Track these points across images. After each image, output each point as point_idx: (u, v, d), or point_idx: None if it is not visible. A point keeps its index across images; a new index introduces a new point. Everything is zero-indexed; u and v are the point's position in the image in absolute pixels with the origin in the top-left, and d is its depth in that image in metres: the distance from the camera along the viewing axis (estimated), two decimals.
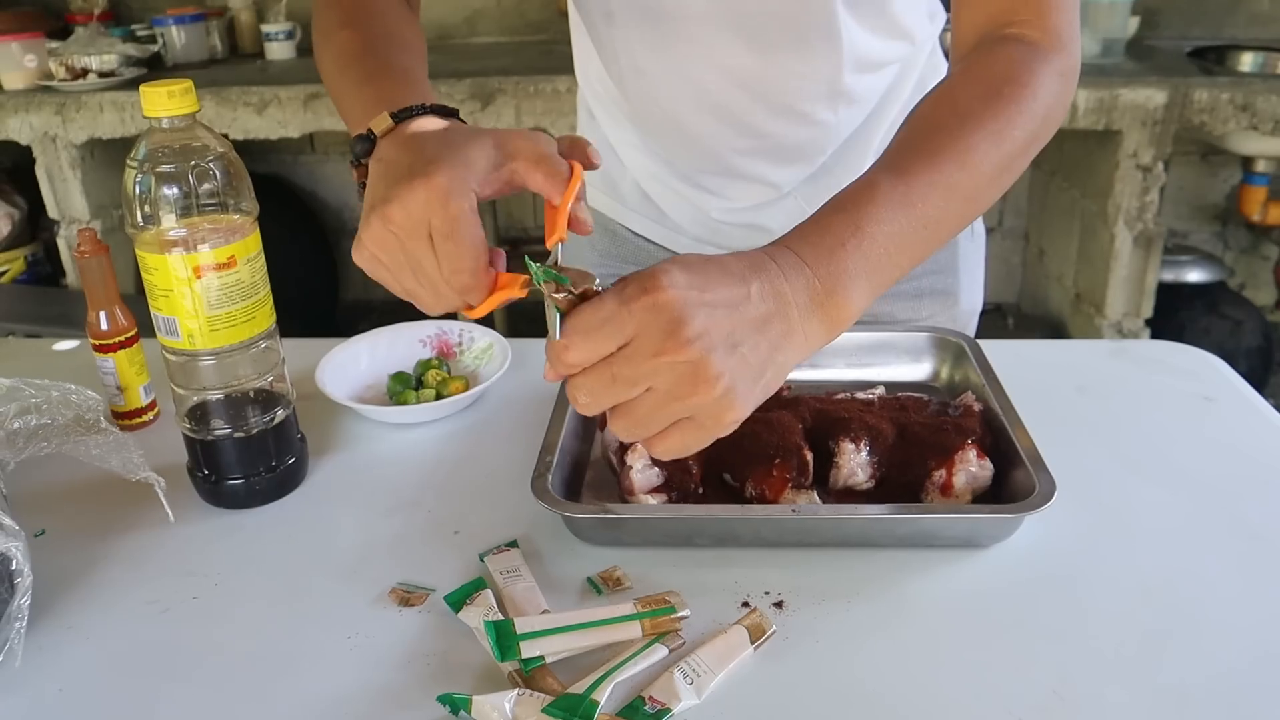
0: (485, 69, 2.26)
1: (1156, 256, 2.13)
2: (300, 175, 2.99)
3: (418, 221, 0.52)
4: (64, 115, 2.27)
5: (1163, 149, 2.05)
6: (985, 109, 0.59)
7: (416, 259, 0.53)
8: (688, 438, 0.49)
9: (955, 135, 0.57)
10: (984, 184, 0.59)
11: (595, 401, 0.48)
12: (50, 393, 0.68)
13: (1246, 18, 2.49)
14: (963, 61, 0.65)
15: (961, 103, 0.60)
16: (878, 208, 0.53)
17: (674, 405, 0.47)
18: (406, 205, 0.52)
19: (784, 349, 0.50)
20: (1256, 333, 2.38)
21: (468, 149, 0.54)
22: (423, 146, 0.55)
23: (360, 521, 0.69)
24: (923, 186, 0.55)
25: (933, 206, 0.56)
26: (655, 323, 0.46)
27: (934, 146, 0.57)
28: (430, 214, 0.52)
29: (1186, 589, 0.60)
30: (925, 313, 0.96)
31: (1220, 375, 0.86)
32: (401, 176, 0.53)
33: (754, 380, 0.49)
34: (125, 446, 0.64)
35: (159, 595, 0.62)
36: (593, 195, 1.00)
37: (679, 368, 0.46)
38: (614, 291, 0.47)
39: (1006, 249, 2.84)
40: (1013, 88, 0.60)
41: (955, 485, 0.66)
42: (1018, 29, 0.64)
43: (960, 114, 0.59)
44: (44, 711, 0.54)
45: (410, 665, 0.56)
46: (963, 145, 0.57)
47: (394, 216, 0.53)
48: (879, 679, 0.54)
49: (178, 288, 0.64)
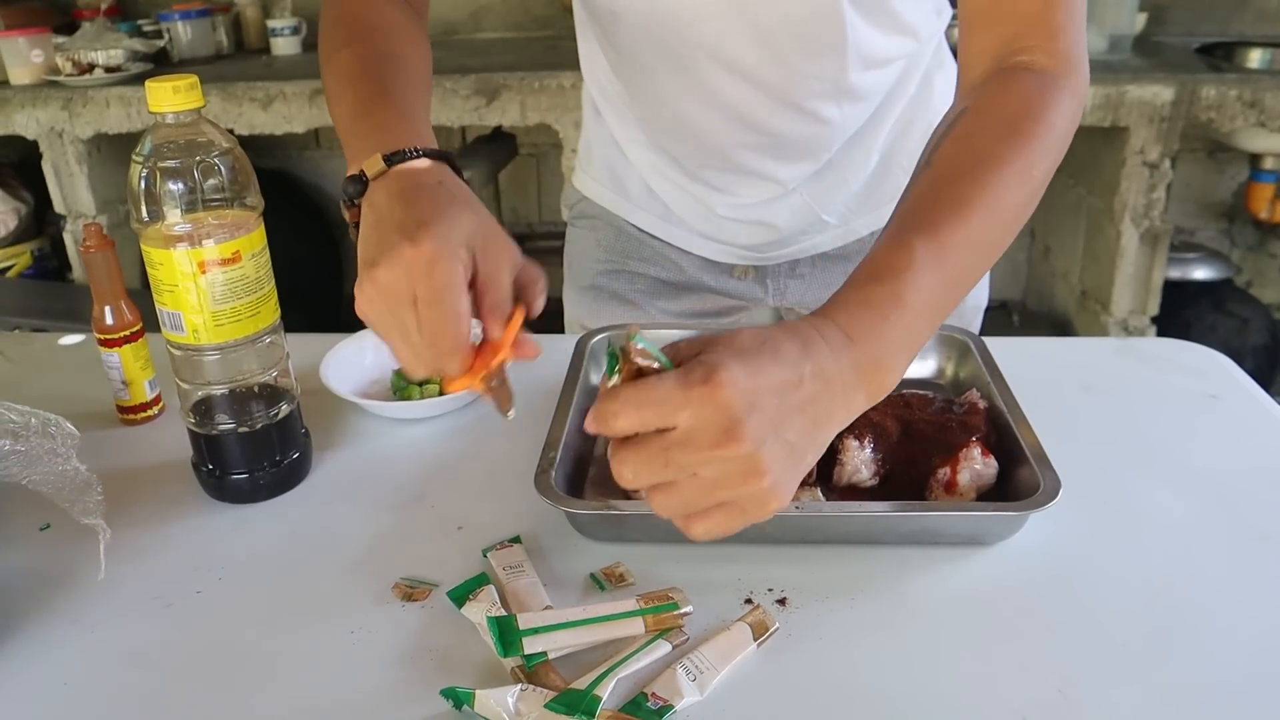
0: (490, 65, 2.26)
1: (1163, 254, 2.12)
2: (305, 170, 2.99)
3: (404, 288, 0.53)
4: (70, 110, 2.27)
5: (1170, 146, 2.04)
6: (1007, 150, 0.58)
7: (401, 322, 0.54)
8: (730, 522, 0.49)
9: (981, 182, 0.57)
10: (1008, 230, 0.60)
11: (640, 478, 0.48)
12: (30, 419, 0.68)
13: (1254, 14, 2.48)
14: (976, 93, 0.64)
15: (981, 146, 0.59)
16: (916, 274, 0.53)
17: (720, 493, 0.48)
18: (394, 270, 0.53)
19: (826, 428, 0.51)
20: (1263, 330, 2.37)
21: (457, 217, 0.55)
22: (414, 202, 0.56)
23: (364, 517, 0.69)
24: (954, 246, 0.55)
25: (964, 264, 0.56)
26: (712, 417, 0.46)
27: (960, 196, 0.57)
28: (415, 281, 0.53)
29: (1192, 587, 0.60)
30: None
31: (1227, 373, 0.86)
32: (390, 236, 0.54)
33: (797, 465, 0.50)
34: (89, 488, 0.64)
35: (163, 590, 0.62)
36: (598, 191, 1.00)
37: (730, 463, 0.47)
38: (676, 375, 0.47)
39: (1012, 246, 2.82)
40: (1031, 124, 0.59)
41: (960, 483, 0.65)
42: (1028, 55, 0.63)
43: (983, 158, 0.58)
44: (49, 706, 0.54)
45: (413, 660, 0.56)
46: (989, 194, 0.57)
47: (381, 279, 0.54)
48: (882, 676, 0.54)
49: (183, 283, 0.64)
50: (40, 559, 0.66)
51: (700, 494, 0.48)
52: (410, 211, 0.55)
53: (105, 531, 0.62)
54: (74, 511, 0.63)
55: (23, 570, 0.65)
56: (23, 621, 0.60)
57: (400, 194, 0.57)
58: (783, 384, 0.48)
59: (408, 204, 0.56)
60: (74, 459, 0.65)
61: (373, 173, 0.59)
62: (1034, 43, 0.63)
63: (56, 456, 0.65)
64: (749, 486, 0.47)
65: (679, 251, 0.97)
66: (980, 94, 0.63)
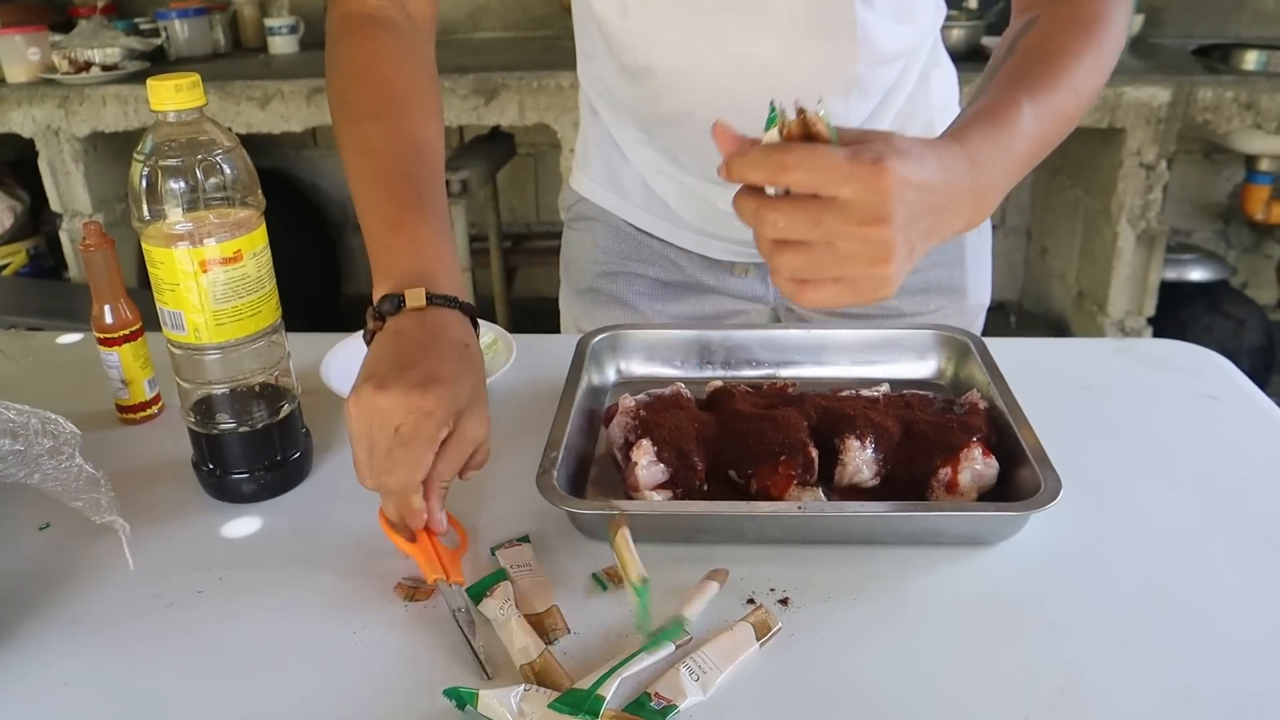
0: (489, 64, 2.26)
1: (1159, 255, 2.13)
2: (303, 170, 2.99)
3: (395, 420, 0.58)
4: (67, 108, 2.26)
5: (1166, 147, 2.04)
6: (1083, 46, 0.68)
7: (376, 443, 0.59)
8: (843, 297, 0.54)
9: (1066, 66, 0.66)
10: (1082, 110, 0.68)
11: (789, 230, 0.52)
12: (30, 419, 0.67)
13: (1251, 16, 2.49)
14: (1040, 4, 0.71)
15: (1064, 40, 0.68)
16: (1022, 125, 0.61)
17: (847, 267, 0.52)
18: (396, 405, 0.58)
19: (938, 235, 0.56)
20: (1259, 331, 2.38)
21: (463, 384, 0.60)
22: (439, 355, 0.61)
23: (365, 516, 0.68)
24: (1048, 112, 0.63)
25: (1052, 129, 0.65)
26: (871, 198, 0.50)
27: (1052, 75, 0.65)
28: (404, 419, 0.58)
29: (1192, 587, 0.60)
30: (933, 306, 0.96)
31: (1224, 374, 0.86)
32: (407, 374, 0.59)
33: (909, 262, 0.54)
34: (95, 485, 0.63)
35: (164, 589, 0.62)
36: (596, 191, 1.00)
37: (869, 244, 0.51)
38: (848, 152, 0.51)
39: (1009, 247, 2.83)
40: (1101, 27, 0.69)
41: (960, 483, 0.66)
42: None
43: (1066, 49, 0.67)
44: (49, 705, 0.54)
45: (416, 660, 0.56)
46: (1073, 76, 0.66)
47: (381, 405, 0.58)
48: (884, 676, 0.54)
49: (184, 282, 0.64)
50: (40, 559, 0.66)
51: (830, 263, 0.52)
52: (430, 362, 0.60)
53: (125, 527, 0.62)
54: (86, 510, 0.62)
55: (22, 570, 0.64)
56: (23, 621, 0.60)
57: (428, 340, 0.62)
58: (929, 186, 0.53)
59: (430, 351, 0.61)
60: (77, 457, 0.65)
61: (412, 304, 0.63)
62: None
63: (58, 455, 0.65)
64: (874, 269, 0.52)
65: (678, 250, 0.97)
66: (1056, 5, 0.70)
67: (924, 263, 0.94)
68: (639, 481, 0.66)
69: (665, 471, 0.66)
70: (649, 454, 0.66)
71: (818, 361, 0.84)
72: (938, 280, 0.95)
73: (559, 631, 0.57)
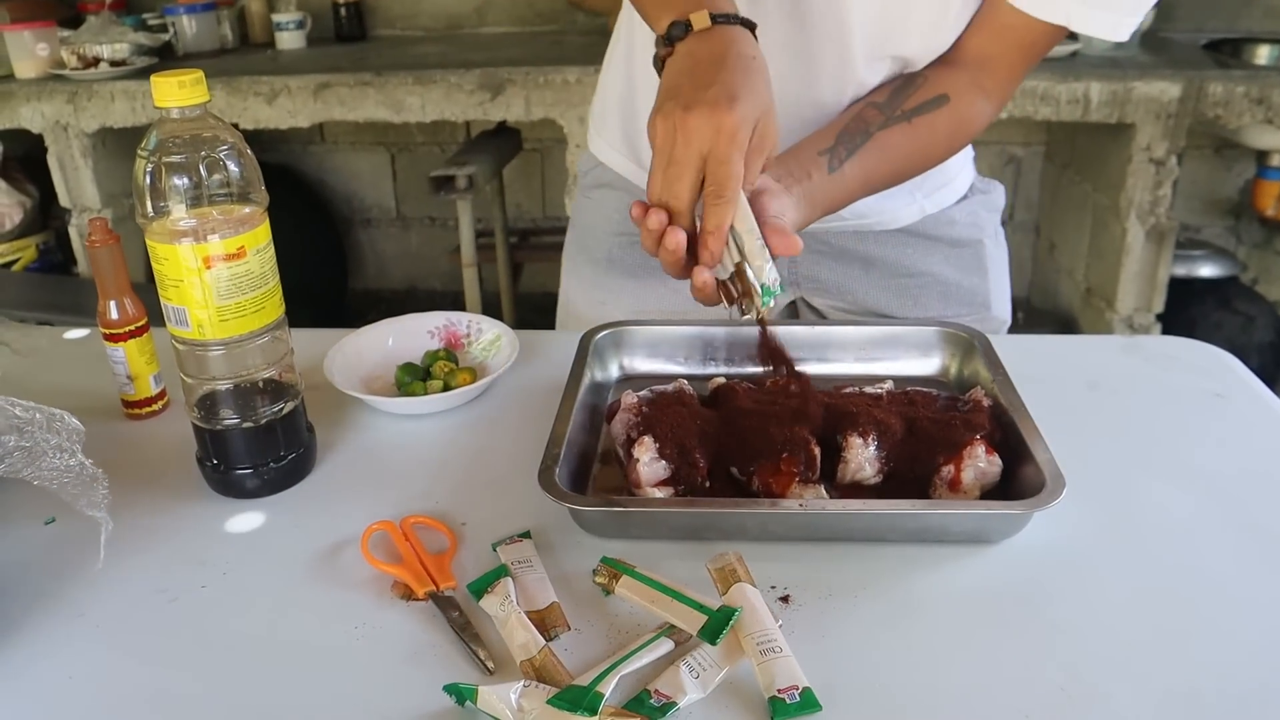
0: (495, 59, 2.25)
1: (1168, 251, 2.12)
2: (309, 165, 2.99)
3: (704, 138, 0.62)
4: (75, 104, 2.27)
5: (1176, 143, 2.03)
6: (940, 155, 0.85)
7: (677, 158, 0.62)
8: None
9: (904, 170, 0.83)
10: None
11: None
12: (36, 415, 0.68)
13: (1262, 10, 2.47)
14: (955, 88, 0.81)
15: (924, 142, 0.82)
16: (817, 182, 0.76)
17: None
18: (703, 122, 0.61)
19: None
20: (1269, 328, 2.36)
21: (758, 93, 0.64)
22: (731, 69, 0.64)
23: (368, 512, 0.69)
24: (853, 190, 0.79)
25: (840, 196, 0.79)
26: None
27: (900, 174, 0.82)
28: (716, 141, 0.61)
29: (1196, 586, 0.60)
30: (952, 313, 0.97)
31: (1232, 372, 0.85)
32: (706, 93, 0.62)
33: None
34: (95, 482, 0.64)
35: (168, 584, 0.63)
36: (615, 159, 0.99)
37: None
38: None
39: (1017, 242, 2.82)
40: (964, 138, 0.85)
41: (964, 481, 0.65)
42: (993, 83, 0.82)
43: (917, 156, 0.83)
44: (53, 699, 0.54)
45: (416, 656, 0.56)
46: (899, 174, 0.83)
47: (691, 124, 0.62)
48: (886, 674, 0.54)
49: (188, 278, 0.64)
50: (45, 553, 0.66)
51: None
52: (725, 75, 0.64)
53: (107, 523, 0.62)
54: (80, 505, 0.63)
55: (27, 564, 0.65)
56: (27, 615, 0.60)
57: (719, 54, 0.65)
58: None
59: (723, 67, 0.64)
60: (79, 454, 0.65)
61: (699, 26, 0.67)
62: (1004, 80, 0.83)
63: (62, 452, 0.65)
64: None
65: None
66: (957, 96, 0.81)
67: (946, 269, 0.96)
68: (641, 478, 0.66)
69: (667, 468, 0.66)
70: (651, 450, 0.66)
71: (822, 358, 0.83)
72: (958, 285, 0.96)
73: (559, 628, 0.57)
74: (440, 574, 0.61)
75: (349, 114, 2.23)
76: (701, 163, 0.62)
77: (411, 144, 2.92)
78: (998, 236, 1.01)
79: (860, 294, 0.98)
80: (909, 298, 0.97)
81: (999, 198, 1.01)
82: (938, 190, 0.95)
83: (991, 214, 1.00)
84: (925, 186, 0.93)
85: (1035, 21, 0.78)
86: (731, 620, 0.54)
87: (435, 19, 2.77)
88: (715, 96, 0.62)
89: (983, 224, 0.99)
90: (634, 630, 0.57)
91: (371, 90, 2.20)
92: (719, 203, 0.62)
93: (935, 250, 0.97)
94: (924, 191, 0.94)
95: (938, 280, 0.97)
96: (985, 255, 0.98)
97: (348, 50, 2.56)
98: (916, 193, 0.93)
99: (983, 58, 0.82)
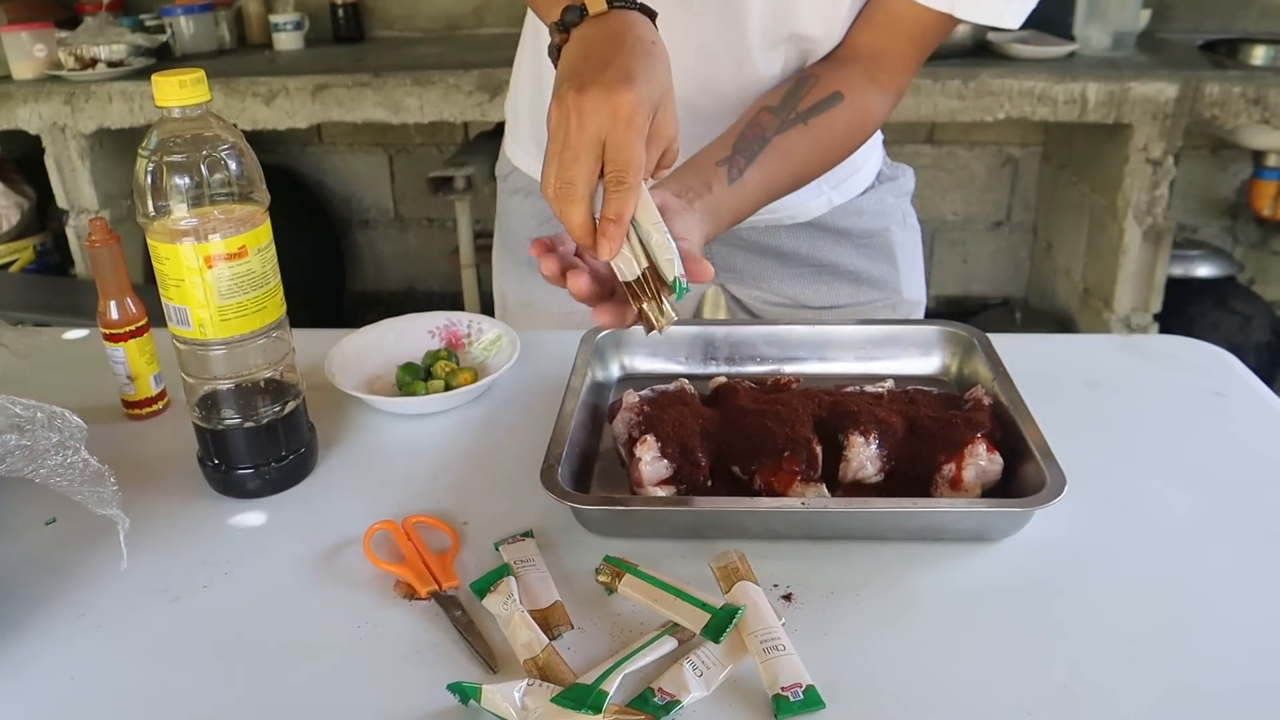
0: (493, 60, 2.25)
1: (1166, 251, 2.12)
2: (308, 166, 2.99)
3: (600, 121, 0.59)
4: (73, 105, 2.27)
5: (1173, 143, 2.03)
6: (839, 156, 0.84)
7: (574, 141, 0.59)
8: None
9: (803, 174, 0.81)
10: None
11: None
12: (36, 413, 0.67)
13: (1259, 11, 2.48)
14: (848, 84, 0.81)
15: (824, 143, 0.81)
16: (720, 193, 0.75)
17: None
18: (599, 105, 0.58)
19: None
20: (1266, 328, 2.36)
21: (656, 75, 0.61)
22: (629, 51, 0.61)
23: (369, 512, 0.69)
24: (759, 193, 0.78)
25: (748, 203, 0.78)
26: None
27: (798, 179, 0.81)
28: (614, 123, 0.58)
29: (1196, 584, 0.60)
30: (865, 298, 1.01)
31: (1231, 370, 0.86)
32: (603, 74, 0.59)
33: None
34: (102, 479, 0.64)
35: (170, 584, 0.63)
36: (528, 163, 1.00)
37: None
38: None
39: (1014, 243, 2.82)
40: (863, 134, 0.84)
41: (964, 479, 0.66)
42: (887, 78, 0.82)
43: (822, 156, 0.82)
44: (56, 699, 0.54)
45: (419, 655, 0.56)
46: (799, 177, 0.82)
47: (586, 106, 0.59)
48: (888, 672, 0.54)
49: (189, 277, 0.64)
50: (47, 552, 0.66)
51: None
52: (622, 58, 0.61)
53: (124, 521, 0.62)
54: (89, 503, 0.62)
55: (29, 563, 0.65)
56: (29, 615, 0.60)
57: (616, 37, 0.63)
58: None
59: (620, 49, 0.62)
60: (83, 451, 0.65)
61: (594, 10, 0.65)
62: (898, 73, 0.83)
63: (65, 450, 0.65)
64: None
65: None
66: (852, 93, 0.81)
67: (855, 260, 0.99)
68: (643, 477, 0.66)
69: (669, 467, 0.66)
70: (653, 450, 0.66)
71: (822, 357, 0.83)
72: (868, 274, 1.00)
73: (562, 626, 0.57)
74: (443, 573, 0.61)
75: (347, 115, 2.23)
76: (599, 148, 0.59)
77: (410, 145, 2.92)
78: (906, 220, 1.03)
79: (776, 283, 1.02)
80: (824, 285, 1.01)
81: (908, 182, 1.04)
82: (844, 181, 0.98)
83: (900, 199, 1.03)
84: (832, 179, 0.94)
85: (924, 11, 0.78)
86: (735, 618, 0.54)
87: (433, 20, 2.77)
88: (611, 78, 0.59)
89: (889, 211, 1.01)
90: (637, 629, 0.57)
91: (369, 91, 2.20)
92: (621, 189, 0.58)
93: (844, 241, 1.00)
94: (831, 183, 0.96)
95: (848, 270, 1.01)
96: (893, 242, 1.01)
97: (346, 51, 2.56)
98: (824, 184, 0.95)
99: (874, 51, 0.81)
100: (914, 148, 2.70)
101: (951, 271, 2.85)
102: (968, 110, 2.07)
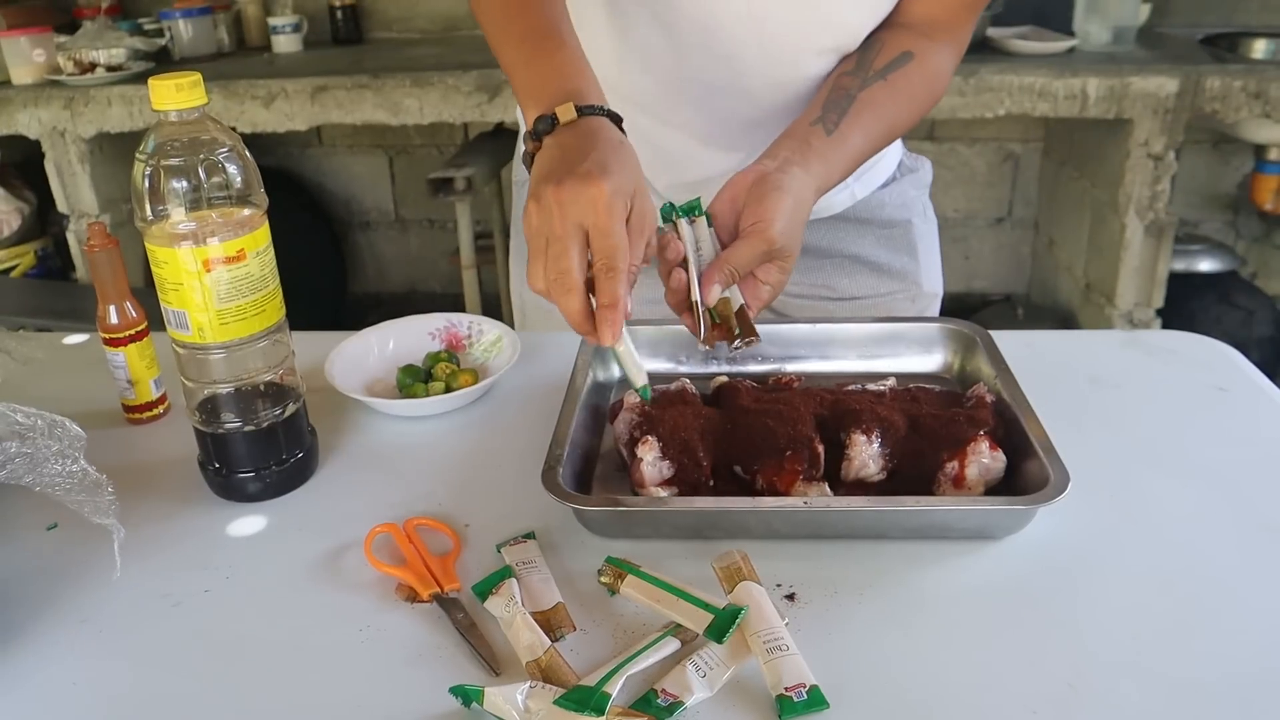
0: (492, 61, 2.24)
1: (1168, 246, 2.12)
2: (307, 168, 2.99)
3: (580, 211, 0.61)
4: (72, 109, 2.27)
5: (1174, 137, 2.03)
6: (916, 114, 0.85)
7: (556, 236, 0.61)
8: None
9: (883, 134, 0.81)
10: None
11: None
12: (37, 421, 0.67)
13: (1259, 4, 2.47)
14: (919, 42, 0.81)
15: (906, 95, 0.82)
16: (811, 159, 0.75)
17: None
18: (577, 195, 0.61)
19: None
20: (1268, 322, 2.36)
21: (629, 169, 0.64)
22: (601, 150, 0.64)
23: (370, 514, 0.69)
24: (860, 152, 0.79)
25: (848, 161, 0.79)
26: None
27: (892, 131, 0.82)
28: (594, 213, 0.61)
29: (1200, 580, 0.60)
30: (885, 289, 1.00)
31: (1233, 365, 0.85)
32: (577, 169, 0.62)
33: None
34: (99, 488, 0.64)
35: (171, 588, 0.62)
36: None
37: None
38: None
39: (1016, 239, 2.82)
40: (939, 88, 0.85)
41: (968, 477, 0.65)
42: (947, 35, 0.83)
43: (903, 108, 0.82)
44: (57, 704, 0.54)
45: (421, 658, 0.56)
46: (896, 123, 0.82)
47: (564, 198, 0.61)
48: (892, 671, 0.54)
49: (187, 281, 0.64)
50: (48, 558, 0.66)
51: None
52: (595, 153, 0.64)
53: (119, 531, 0.62)
54: (86, 512, 0.63)
55: (30, 570, 0.65)
56: (31, 621, 0.60)
57: (587, 139, 0.65)
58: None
59: (593, 147, 0.64)
60: (81, 460, 0.65)
61: (565, 119, 0.67)
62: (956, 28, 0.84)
63: (64, 458, 0.65)
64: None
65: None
66: (921, 50, 0.82)
67: (877, 251, 1.00)
68: (644, 478, 0.65)
69: (670, 467, 0.66)
70: (654, 450, 0.66)
71: (823, 356, 0.83)
72: (889, 265, 1.00)
73: (565, 628, 0.57)
74: (444, 576, 0.61)
75: (346, 117, 2.23)
76: (583, 235, 0.61)
77: (409, 146, 2.92)
78: (926, 213, 1.04)
79: (798, 274, 1.01)
80: (845, 276, 1.01)
81: (926, 174, 1.04)
82: (866, 173, 0.97)
83: (920, 191, 1.03)
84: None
85: None
86: (738, 619, 0.54)
87: (432, 21, 2.77)
88: (586, 170, 0.62)
89: (910, 203, 1.01)
90: (640, 630, 0.57)
91: (369, 93, 2.19)
92: (612, 275, 0.61)
93: (866, 233, 1.00)
94: (854, 176, 0.95)
95: (869, 261, 1.00)
96: (914, 233, 1.01)
97: (344, 53, 2.56)
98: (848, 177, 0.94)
99: (929, 16, 0.83)
100: (915, 144, 2.69)
101: (953, 268, 2.84)
102: (968, 106, 2.07)
